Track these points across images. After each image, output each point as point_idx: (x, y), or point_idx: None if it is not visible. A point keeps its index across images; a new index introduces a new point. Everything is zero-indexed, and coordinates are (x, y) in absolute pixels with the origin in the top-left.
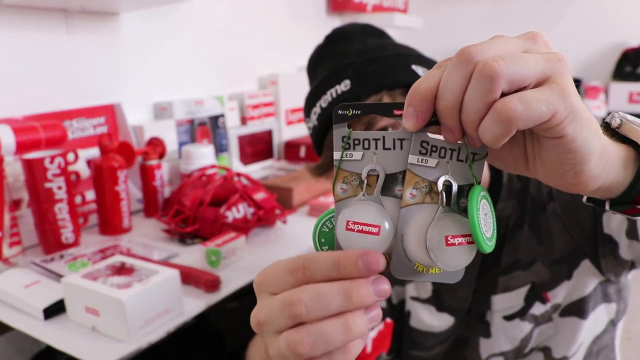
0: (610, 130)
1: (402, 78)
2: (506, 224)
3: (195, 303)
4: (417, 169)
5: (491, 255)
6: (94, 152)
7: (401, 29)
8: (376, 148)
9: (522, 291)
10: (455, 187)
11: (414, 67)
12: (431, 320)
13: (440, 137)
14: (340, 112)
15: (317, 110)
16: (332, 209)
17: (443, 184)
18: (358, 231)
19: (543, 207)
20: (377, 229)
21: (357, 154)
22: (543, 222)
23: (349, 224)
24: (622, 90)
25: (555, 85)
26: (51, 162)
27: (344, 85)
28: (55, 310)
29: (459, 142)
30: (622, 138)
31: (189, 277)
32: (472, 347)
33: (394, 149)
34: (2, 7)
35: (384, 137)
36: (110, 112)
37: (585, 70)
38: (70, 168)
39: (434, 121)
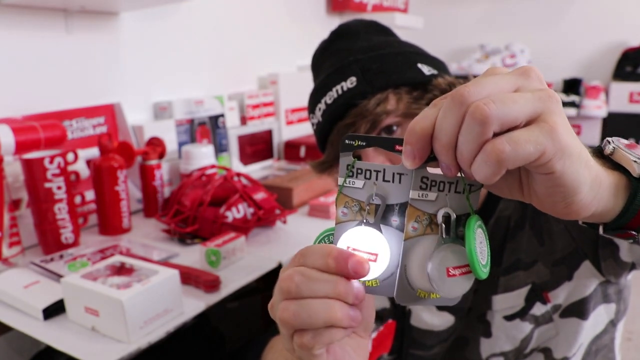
0: (604, 156)
1: (408, 76)
2: (507, 224)
3: (195, 303)
4: (418, 204)
5: (493, 254)
6: (93, 152)
7: (401, 29)
8: (376, 179)
9: (523, 291)
10: (453, 218)
11: (419, 65)
12: (432, 319)
13: (439, 172)
14: (347, 141)
15: (322, 106)
16: (332, 227)
17: (442, 217)
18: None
19: None
20: (375, 257)
21: (359, 182)
22: (544, 223)
23: (350, 249)
24: (622, 90)
25: (544, 125)
26: (51, 162)
27: (350, 82)
28: (54, 310)
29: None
30: (615, 164)
31: (189, 277)
32: (472, 346)
33: (393, 182)
34: (2, 7)
35: (384, 170)
36: (110, 112)
37: (585, 70)
38: (70, 168)
39: (432, 157)
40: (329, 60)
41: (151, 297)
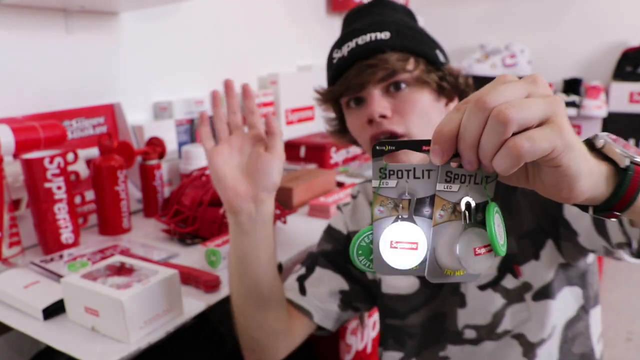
0: (595, 149)
1: (428, 53)
2: None
3: (195, 303)
4: (444, 194)
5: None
6: (93, 152)
7: None
8: (408, 177)
9: (495, 261)
10: (473, 205)
11: (437, 51)
12: (398, 281)
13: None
14: (378, 147)
15: (352, 44)
16: (369, 227)
17: (464, 204)
18: (401, 248)
19: (514, 188)
20: (416, 245)
21: (392, 182)
22: (513, 201)
23: (393, 243)
24: (622, 90)
25: (554, 125)
26: (50, 162)
27: (384, 35)
28: (54, 310)
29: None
30: (604, 156)
31: (189, 277)
32: (450, 319)
33: (423, 178)
34: (2, 6)
35: (414, 169)
36: (109, 112)
37: (585, 69)
38: (70, 168)
39: (455, 154)
40: (369, 17)
41: (151, 297)
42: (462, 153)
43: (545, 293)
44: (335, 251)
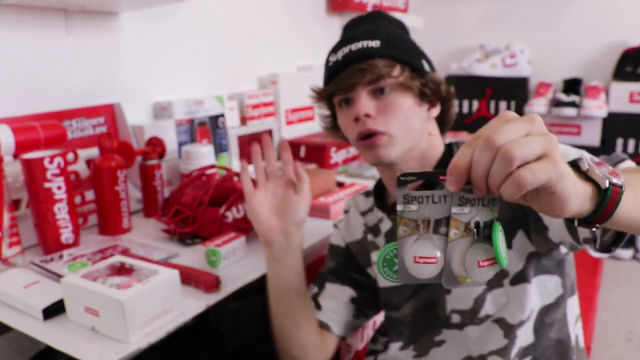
0: (580, 171)
1: (414, 62)
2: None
3: (195, 303)
4: (457, 216)
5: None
6: (93, 152)
7: None
8: (427, 202)
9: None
10: (481, 224)
11: (423, 61)
12: None
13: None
14: (402, 178)
15: (346, 50)
16: (394, 243)
17: (474, 224)
18: (423, 262)
19: None
20: (435, 259)
21: (413, 207)
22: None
23: (416, 258)
24: (622, 90)
25: (550, 159)
26: (50, 162)
27: (375, 43)
28: (54, 310)
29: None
30: (587, 177)
31: (189, 277)
32: (440, 306)
33: (439, 202)
34: (2, 6)
35: (432, 195)
36: (109, 112)
37: (585, 70)
38: (70, 168)
39: (467, 182)
40: (365, 26)
41: (151, 297)
42: (473, 182)
43: (520, 278)
44: (338, 265)
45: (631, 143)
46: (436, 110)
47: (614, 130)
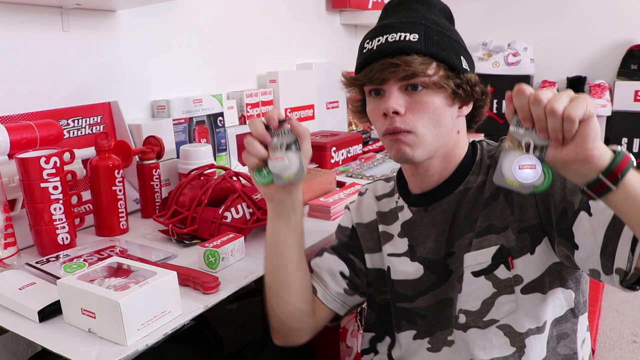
0: None
1: (453, 60)
2: (480, 195)
3: (193, 305)
4: (513, 133)
5: (468, 220)
6: (90, 151)
7: None
8: (531, 131)
9: (492, 250)
10: (532, 145)
11: (462, 57)
12: (407, 268)
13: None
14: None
15: (382, 39)
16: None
17: (525, 143)
18: (528, 168)
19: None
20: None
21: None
22: (516, 196)
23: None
24: (627, 88)
25: (581, 102)
26: (47, 161)
27: (413, 37)
28: (50, 312)
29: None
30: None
31: (187, 278)
32: (453, 305)
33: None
34: None
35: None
36: (107, 111)
37: (590, 68)
38: (66, 168)
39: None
40: (404, 13)
41: (149, 298)
42: (536, 119)
43: (535, 287)
44: (340, 243)
45: (636, 142)
46: (468, 109)
47: (618, 129)
